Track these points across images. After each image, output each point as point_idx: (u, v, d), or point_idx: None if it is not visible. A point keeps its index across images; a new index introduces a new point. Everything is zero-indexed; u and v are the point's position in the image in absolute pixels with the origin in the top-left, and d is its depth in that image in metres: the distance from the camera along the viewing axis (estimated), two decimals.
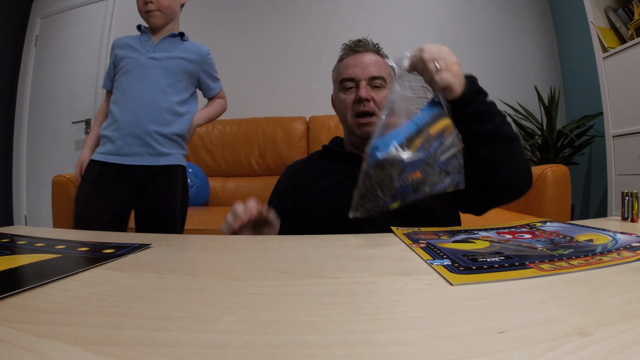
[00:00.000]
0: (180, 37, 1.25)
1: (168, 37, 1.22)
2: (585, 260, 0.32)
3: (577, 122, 2.15)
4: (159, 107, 1.15)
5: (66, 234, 0.55)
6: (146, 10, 1.18)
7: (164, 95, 1.16)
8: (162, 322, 0.21)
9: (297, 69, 2.55)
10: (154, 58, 1.18)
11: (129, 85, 1.16)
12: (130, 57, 1.19)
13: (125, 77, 1.17)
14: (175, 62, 1.19)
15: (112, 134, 1.13)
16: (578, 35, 2.23)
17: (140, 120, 1.12)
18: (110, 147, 1.13)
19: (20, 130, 2.79)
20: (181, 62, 1.20)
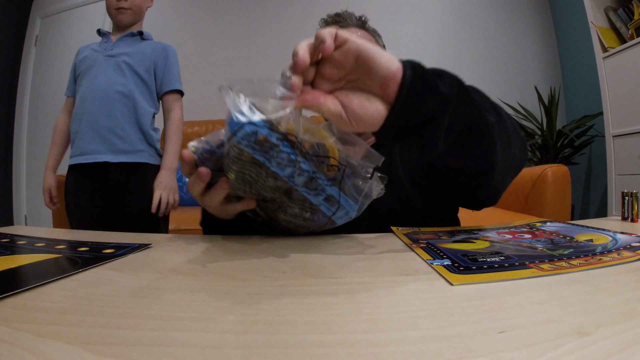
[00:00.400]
0: (140, 36, 1.23)
1: (126, 35, 1.20)
2: (585, 260, 0.32)
3: (577, 122, 2.15)
4: (114, 102, 1.11)
5: (66, 234, 0.55)
6: (117, 6, 1.17)
7: (118, 91, 1.12)
8: (162, 322, 0.21)
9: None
10: (111, 55, 1.16)
11: (87, 84, 1.14)
12: (88, 57, 1.19)
13: (84, 78, 1.16)
14: (131, 58, 1.16)
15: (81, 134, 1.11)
16: (578, 35, 2.23)
17: (95, 115, 1.09)
18: (84, 147, 1.11)
19: (20, 130, 2.80)
20: (137, 57, 1.16)
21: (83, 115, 1.12)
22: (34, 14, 2.86)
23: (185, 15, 2.62)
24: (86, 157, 1.09)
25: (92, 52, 1.20)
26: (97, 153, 1.09)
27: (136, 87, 1.15)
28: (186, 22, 2.61)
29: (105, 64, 1.15)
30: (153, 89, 1.21)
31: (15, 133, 2.81)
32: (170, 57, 1.25)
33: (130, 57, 1.16)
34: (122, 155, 1.10)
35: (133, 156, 1.12)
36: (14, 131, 2.81)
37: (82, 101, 1.13)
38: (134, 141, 1.13)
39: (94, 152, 1.09)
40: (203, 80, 2.59)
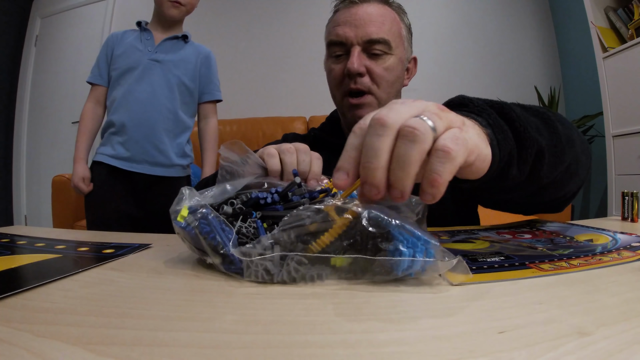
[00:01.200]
0: (184, 40, 1.23)
1: (170, 38, 1.20)
2: (585, 260, 0.32)
3: (577, 122, 2.15)
4: (159, 114, 1.12)
5: (66, 234, 0.55)
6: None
7: (164, 104, 1.13)
8: (162, 322, 0.21)
9: (297, 69, 2.55)
10: (156, 60, 1.14)
11: (130, 87, 1.12)
12: (128, 54, 1.14)
13: (125, 77, 1.13)
14: (177, 67, 1.16)
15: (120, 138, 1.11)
16: (578, 35, 2.23)
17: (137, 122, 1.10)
18: (121, 152, 1.11)
19: (20, 130, 2.80)
20: (183, 67, 1.17)
21: (124, 118, 1.11)
22: (34, 14, 2.86)
23: None
24: (122, 163, 1.11)
25: (134, 50, 1.14)
26: (135, 162, 1.11)
27: (181, 102, 1.17)
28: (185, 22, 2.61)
29: (151, 70, 1.13)
30: (195, 98, 1.23)
31: (15, 133, 2.81)
32: (213, 66, 1.27)
33: (177, 67, 1.15)
34: (158, 168, 1.13)
35: (168, 170, 1.15)
36: (14, 131, 2.81)
37: (123, 103, 1.12)
38: (171, 156, 1.15)
39: (131, 160, 1.11)
40: None
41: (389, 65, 0.60)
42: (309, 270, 0.28)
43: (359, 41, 0.58)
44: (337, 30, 0.59)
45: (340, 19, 0.60)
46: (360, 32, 0.58)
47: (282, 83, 2.56)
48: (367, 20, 0.58)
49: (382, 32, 0.58)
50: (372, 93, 0.60)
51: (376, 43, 0.58)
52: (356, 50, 0.58)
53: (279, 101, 2.55)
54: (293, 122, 2.28)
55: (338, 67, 0.61)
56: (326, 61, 0.65)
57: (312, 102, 2.44)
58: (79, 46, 2.70)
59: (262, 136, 2.28)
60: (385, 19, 0.59)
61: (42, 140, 2.76)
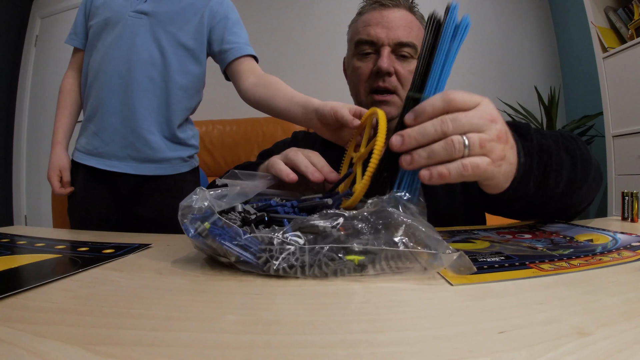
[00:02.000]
0: None
1: None
2: (586, 260, 0.32)
3: (577, 122, 2.15)
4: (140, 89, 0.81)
5: (66, 234, 0.55)
6: None
7: (148, 74, 0.82)
8: (162, 322, 0.21)
9: (297, 69, 2.55)
10: (143, 12, 0.82)
11: (104, 52, 0.82)
12: (108, 5, 0.83)
13: (99, 38, 0.83)
14: (172, 20, 0.83)
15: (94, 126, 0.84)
16: (578, 35, 2.23)
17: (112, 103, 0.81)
18: (96, 145, 0.84)
19: (20, 130, 2.80)
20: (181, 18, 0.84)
21: (96, 98, 0.82)
22: (34, 14, 2.86)
23: None
24: (99, 162, 0.84)
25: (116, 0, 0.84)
26: (115, 159, 0.83)
27: (179, 71, 0.85)
28: None
29: (133, 27, 0.80)
30: (203, 63, 0.92)
31: (15, 133, 2.81)
32: (231, 15, 0.94)
33: (172, 20, 0.82)
34: (146, 166, 0.85)
35: (161, 167, 0.86)
36: (14, 131, 2.81)
37: (95, 76, 0.83)
38: (162, 148, 0.86)
39: (109, 156, 0.83)
40: None
41: (413, 69, 0.62)
42: (339, 264, 0.30)
43: (389, 42, 0.61)
44: (369, 30, 0.62)
45: (372, 20, 0.63)
46: (392, 33, 0.60)
47: None
48: (398, 23, 0.61)
49: (411, 37, 0.61)
50: (397, 93, 0.62)
51: (405, 46, 0.61)
52: (386, 50, 0.60)
53: None
54: None
55: (365, 65, 0.63)
56: (351, 58, 0.66)
57: None
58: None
59: (262, 136, 2.28)
60: (413, 26, 0.63)
61: (42, 140, 2.76)
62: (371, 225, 0.32)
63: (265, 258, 0.30)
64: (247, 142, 2.29)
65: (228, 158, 2.30)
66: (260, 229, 0.34)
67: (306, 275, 0.29)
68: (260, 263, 0.30)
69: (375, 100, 0.62)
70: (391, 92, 0.62)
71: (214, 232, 0.31)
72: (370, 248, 0.30)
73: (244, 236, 0.30)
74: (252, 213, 0.36)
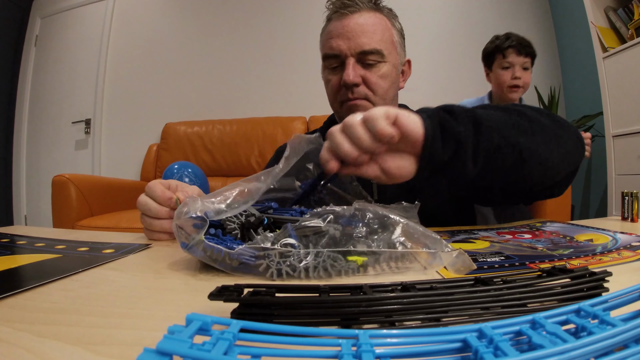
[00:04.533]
0: None
1: None
2: (586, 260, 0.32)
3: (577, 122, 2.15)
4: None
5: (66, 234, 0.55)
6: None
7: None
8: (162, 322, 0.21)
9: (297, 69, 2.55)
10: None
11: None
12: None
13: None
14: None
15: None
16: (578, 35, 2.23)
17: None
18: None
19: (20, 130, 2.80)
20: None
21: None
22: (34, 14, 2.86)
23: (185, 15, 2.62)
24: None
25: None
26: None
27: None
28: (186, 22, 2.61)
29: None
30: None
31: (15, 133, 2.81)
32: None
33: None
34: None
35: None
36: (14, 131, 2.81)
37: None
38: None
39: None
40: (204, 80, 2.59)
41: (383, 73, 0.62)
42: (343, 266, 0.30)
43: (352, 53, 0.60)
44: (331, 43, 0.61)
45: (333, 32, 0.62)
46: (353, 43, 0.59)
47: (282, 83, 2.56)
48: (358, 31, 0.59)
49: (374, 43, 0.60)
50: (368, 99, 0.62)
51: (369, 54, 0.60)
52: (351, 62, 0.60)
53: (279, 101, 2.55)
54: (293, 122, 2.28)
55: (335, 78, 0.63)
56: (323, 72, 0.67)
57: (312, 102, 2.44)
58: (79, 46, 2.70)
59: (262, 136, 2.27)
60: (377, 28, 0.61)
61: (42, 140, 2.76)
62: (367, 225, 0.32)
63: (266, 265, 0.30)
64: (247, 142, 2.29)
65: (228, 158, 2.30)
66: (260, 232, 0.34)
67: (310, 277, 0.29)
68: (260, 270, 0.30)
69: (349, 106, 0.62)
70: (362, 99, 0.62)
71: (209, 243, 0.30)
72: (376, 250, 0.30)
73: (239, 246, 0.30)
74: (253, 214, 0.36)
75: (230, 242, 0.32)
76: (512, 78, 1.30)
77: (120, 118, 2.64)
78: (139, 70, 2.64)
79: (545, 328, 0.15)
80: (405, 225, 0.32)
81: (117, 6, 2.65)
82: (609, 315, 0.16)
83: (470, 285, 0.22)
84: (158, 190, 0.47)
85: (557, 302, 0.21)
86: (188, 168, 1.78)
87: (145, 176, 2.37)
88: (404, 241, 0.31)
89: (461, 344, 0.15)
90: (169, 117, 2.51)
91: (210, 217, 0.33)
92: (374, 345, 0.14)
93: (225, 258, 0.31)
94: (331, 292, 0.21)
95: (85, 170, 2.55)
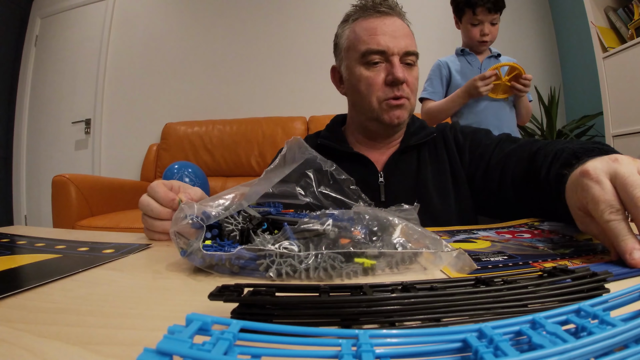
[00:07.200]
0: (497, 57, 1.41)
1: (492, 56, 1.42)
2: (587, 259, 0.32)
3: (577, 122, 2.15)
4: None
5: (66, 234, 0.55)
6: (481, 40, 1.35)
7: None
8: (162, 322, 0.21)
9: (297, 69, 2.55)
10: None
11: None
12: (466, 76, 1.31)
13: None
14: None
15: None
16: (578, 35, 2.23)
17: None
18: None
19: (20, 130, 2.80)
20: None
21: None
22: (34, 14, 2.86)
23: (185, 15, 2.62)
24: None
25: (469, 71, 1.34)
26: None
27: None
28: (186, 22, 2.61)
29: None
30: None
31: (15, 133, 2.81)
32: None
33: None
34: None
35: None
36: (14, 131, 2.81)
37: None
38: None
39: None
40: (204, 80, 2.59)
41: (416, 75, 0.66)
42: (346, 267, 0.29)
43: (399, 51, 0.62)
44: (378, 40, 0.62)
45: (378, 28, 0.62)
46: (401, 42, 0.62)
47: (282, 83, 2.56)
48: (402, 32, 0.63)
49: (414, 45, 0.64)
50: (408, 98, 0.64)
51: (411, 55, 0.63)
52: (397, 60, 0.61)
53: (279, 101, 2.55)
54: (293, 122, 2.28)
55: (374, 75, 0.63)
56: (355, 67, 0.65)
57: (312, 102, 2.44)
58: (79, 46, 2.70)
59: (262, 136, 2.28)
60: (410, 33, 0.65)
61: (42, 140, 2.76)
62: (366, 227, 0.32)
63: (266, 264, 0.30)
64: (247, 142, 2.29)
65: (228, 158, 2.30)
66: (259, 233, 0.34)
67: (310, 278, 0.29)
68: (261, 270, 0.30)
69: (392, 105, 0.63)
70: (404, 97, 0.64)
71: (208, 252, 0.30)
72: (385, 251, 0.30)
73: (238, 247, 0.30)
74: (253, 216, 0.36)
75: (228, 246, 0.31)
76: (481, 35, 1.35)
77: (120, 118, 2.64)
78: (139, 70, 2.64)
79: (545, 328, 0.15)
80: (404, 226, 0.32)
81: (117, 6, 2.65)
82: (609, 316, 0.16)
83: (470, 286, 0.22)
84: (161, 191, 0.47)
85: (558, 302, 0.21)
86: (188, 168, 1.77)
87: (145, 176, 2.37)
88: (403, 242, 0.31)
89: (461, 344, 0.15)
90: (169, 117, 2.51)
91: (208, 221, 0.33)
92: (374, 345, 0.14)
93: (225, 264, 0.31)
94: (331, 292, 0.21)
95: (85, 170, 2.55)
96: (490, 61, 1.44)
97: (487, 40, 1.38)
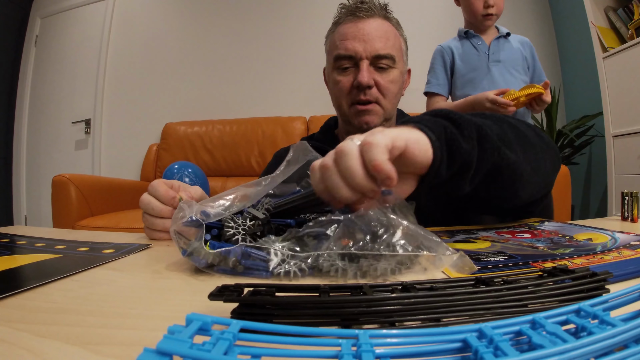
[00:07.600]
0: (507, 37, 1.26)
1: (500, 37, 1.24)
2: (587, 259, 0.32)
3: (577, 122, 2.15)
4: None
5: (66, 234, 0.55)
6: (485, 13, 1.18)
7: None
8: (162, 322, 0.21)
9: (297, 69, 2.55)
10: (497, 60, 1.19)
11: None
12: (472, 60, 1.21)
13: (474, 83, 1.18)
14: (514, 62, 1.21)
15: None
16: (578, 35, 2.23)
17: None
18: None
19: (20, 130, 2.80)
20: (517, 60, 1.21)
21: None
22: (34, 14, 2.86)
23: (185, 15, 2.62)
24: None
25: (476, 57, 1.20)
26: None
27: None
28: (186, 22, 2.61)
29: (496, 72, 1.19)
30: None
31: (15, 133, 2.81)
32: (535, 54, 1.29)
33: (514, 61, 1.19)
34: None
35: None
36: (14, 131, 2.81)
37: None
38: None
39: None
40: (204, 80, 2.59)
41: (393, 78, 0.64)
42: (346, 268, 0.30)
43: (367, 55, 0.62)
44: (346, 45, 0.62)
45: (348, 33, 0.63)
46: (369, 47, 0.61)
47: (282, 83, 2.56)
48: (374, 35, 0.61)
49: (388, 48, 0.62)
50: (378, 102, 0.64)
51: (383, 58, 0.62)
52: (365, 64, 0.61)
53: (279, 101, 2.55)
54: (293, 122, 2.28)
55: (345, 79, 0.64)
56: (330, 72, 0.67)
57: (312, 102, 2.44)
58: (79, 46, 2.70)
59: (262, 136, 2.28)
60: (389, 35, 0.64)
61: (42, 140, 2.76)
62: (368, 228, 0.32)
63: (276, 262, 0.30)
64: (247, 142, 2.29)
65: (228, 158, 2.30)
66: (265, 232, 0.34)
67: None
68: (270, 269, 0.30)
69: (358, 110, 0.64)
70: (372, 102, 0.63)
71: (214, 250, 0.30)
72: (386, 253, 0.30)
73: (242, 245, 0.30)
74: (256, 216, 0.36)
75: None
76: (485, 7, 1.15)
77: (120, 118, 2.64)
78: (139, 70, 2.64)
79: (545, 328, 0.15)
80: (405, 227, 0.32)
81: (117, 6, 2.65)
82: (609, 316, 0.16)
83: (470, 286, 0.22)
84: (161, 189, 0.47)
85: (558, 302, 0.21)
86: (188, 168, 1.77)
87: (145, 176, 2.37)
88: (404, 244, 0.31)
89: (461, 344, 0.15)
90: (169, 117, 2.51)
91: (208, 220, 0.33)
92: (374, 345, 0.14)
93: (229, 263, 0.30)
94: (331, 292, 0.21)
95: (85, 170, 2.55)
96: (499, 43, 1.21)
97: (493, 12, 1.16)
